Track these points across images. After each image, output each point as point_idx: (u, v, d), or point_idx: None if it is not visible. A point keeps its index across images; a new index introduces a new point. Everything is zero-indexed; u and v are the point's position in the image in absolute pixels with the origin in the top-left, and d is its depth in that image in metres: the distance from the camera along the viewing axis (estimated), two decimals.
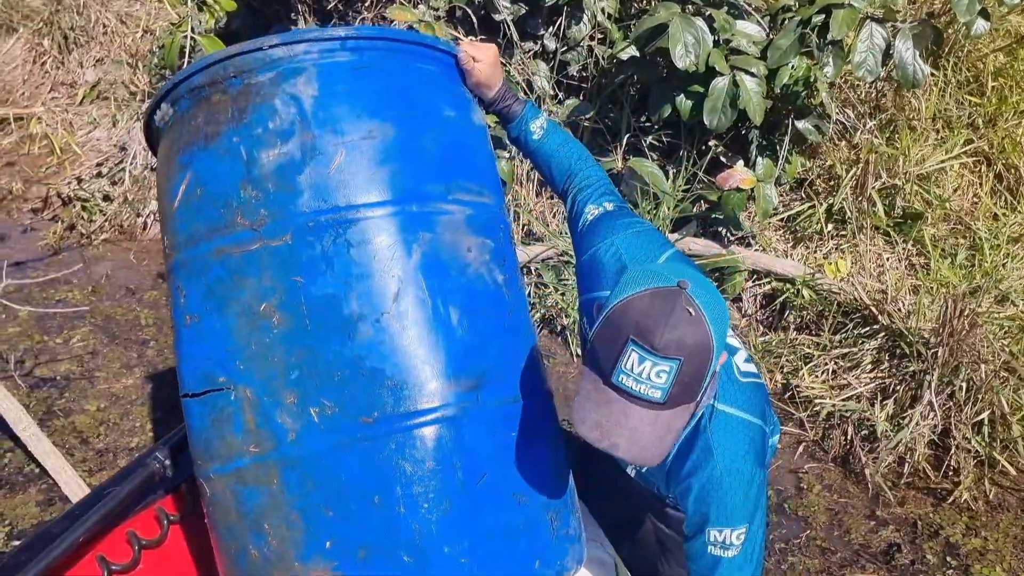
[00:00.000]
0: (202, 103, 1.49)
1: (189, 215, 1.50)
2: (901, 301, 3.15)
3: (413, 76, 1.57)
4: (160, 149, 1.64)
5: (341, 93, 1.47)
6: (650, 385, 1.20)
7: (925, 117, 3.67)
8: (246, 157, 1.44)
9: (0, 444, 2.90)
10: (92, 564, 1.56)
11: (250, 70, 1.47)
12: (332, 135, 1.45)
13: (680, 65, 3.05)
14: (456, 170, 1.58)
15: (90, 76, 5.06)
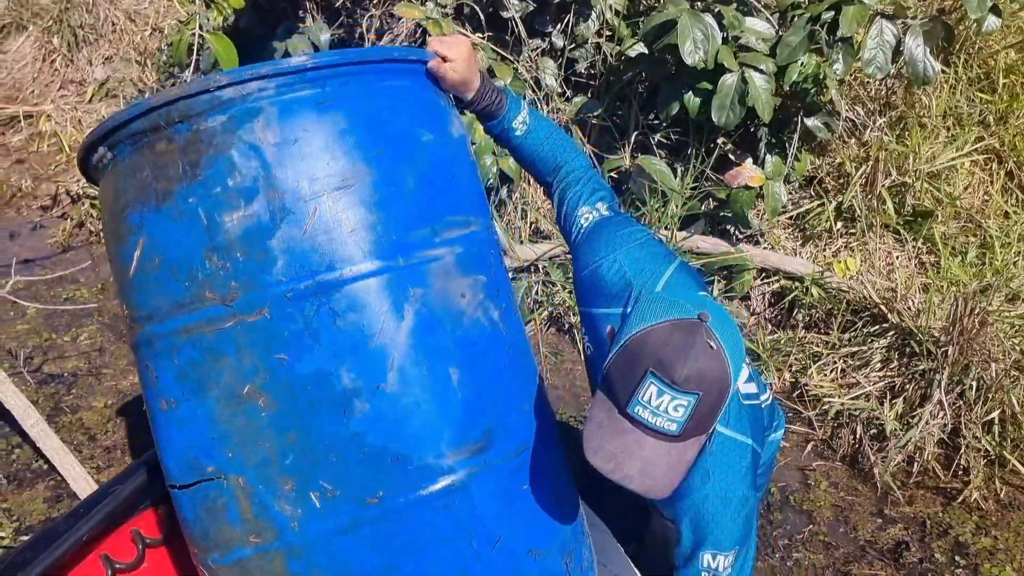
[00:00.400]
0: (145, 151, 1.32)
1: (148, 287, 1.36)
2: (911, 299, 3.13)
3: (384, 99, 1.41)
4: (102, 194, 1.49)
5: (306, 137, 1.31)
6: (667, 418, 1.19)
7: (935, 114, 3.64)
8: (206, 221, 1.29)
9: (8, 440, 2.92)
10: (96, 563, 1.54)
11: (197, 114, 1.28)
12: (301, 190, 1.30)
13: (689, 61, 3.03)
14: (441, 205, 1.46)
15: (99, 74, 5.08)
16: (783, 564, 2.58)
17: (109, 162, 1.42)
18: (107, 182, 1.44)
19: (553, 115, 3.65)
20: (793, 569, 2.55)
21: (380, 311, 1.33)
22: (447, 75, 1.53)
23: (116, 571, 1.57)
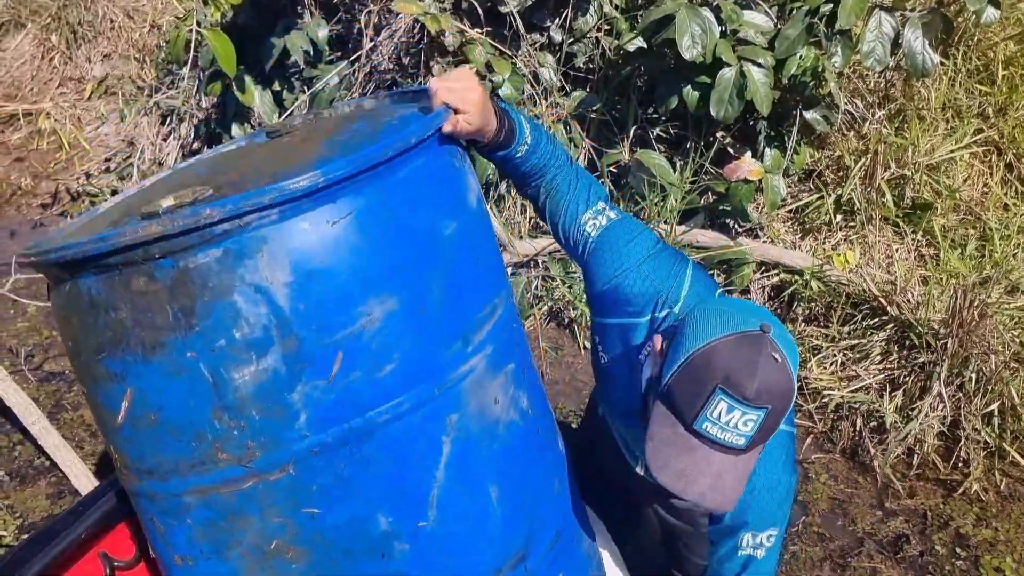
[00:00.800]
0: (117, 287, 1.10)
1: (144, 442, 1.20)
2: (910, 292, 3.13)
3: (401, 195, 1.20)
4: (59, 316, 1.24)
5: (321, 271, 1.11)
6: (736, 433, 1.19)
7: (935, 107, 3.64)
8: (211, 379, 1.11)
9: (10, 437, 2.92)
10: (95, 561, 1.53)
11: (183, 248, 1.06)
12: (322, 334, 1.12)
13: (687, 56, 3.03)
14: (470, 304, 1.32)
15: (98, 71, 5.08)
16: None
17: (66, 287, 1.17)
18: (67, 308, 1.19)
19: (552, 110, 3.65)
20: (790, 562, 2.55)
21: (416, 451, 1.22)
22: (463, 130, 1.38)
23: (115, 569, 1.56)
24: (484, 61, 3.56)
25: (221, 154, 1.63)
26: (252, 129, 3.97)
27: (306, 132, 1.51)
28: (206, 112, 4.23)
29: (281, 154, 1.37)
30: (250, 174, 1.28)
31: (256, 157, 1.44)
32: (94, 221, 1.39)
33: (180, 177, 1.49)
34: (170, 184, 1.44)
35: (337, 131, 1.41)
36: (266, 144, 1.54)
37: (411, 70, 3.92)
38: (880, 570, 2.53)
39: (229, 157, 1.55)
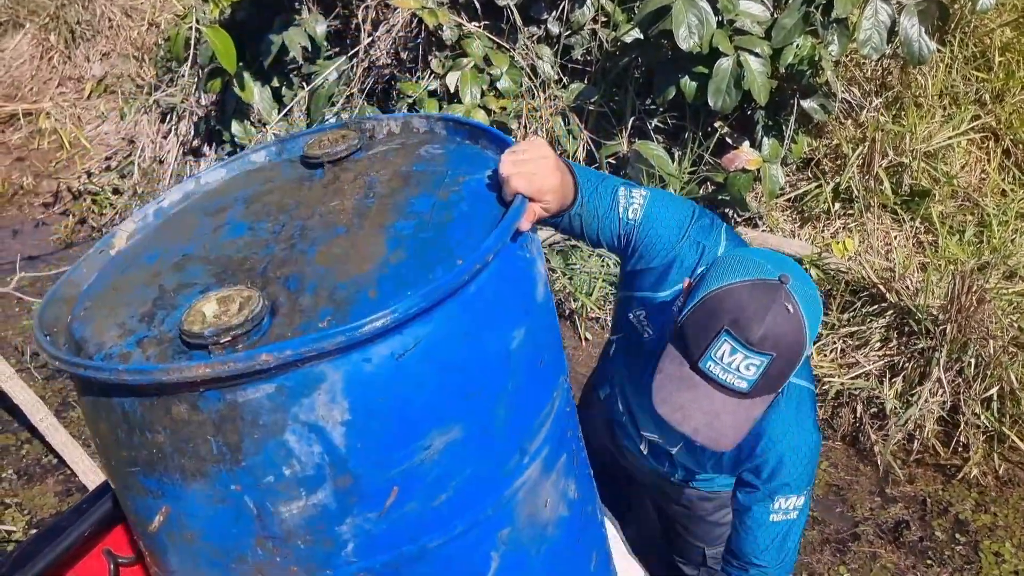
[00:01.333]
0: (156, 410, 1.01)
1: (180, 554, 1.14)
2: (909, 279, 3.15)
3: (472, 314, 1.07)
4: (87, 412, 1.14)
5: (383, 408, 1.01)
6: (737, 376, 1.19)
7: (932, 94, 3.65)
8: (256, 512, 1.04)
9: (18, 436, 2.95)
10: (99, 557, 1.52)
11: (233, 383, 0.97)
12: (379, 470, 1.04)
13: (684, 47, 3.04)
14: (531, 412, 1.21)
15: (97, 70, 5.10)
16: None
17: (96, 396, 1.07)
18: (97, 414, 1.09)
19: (550, 102, 3.66)
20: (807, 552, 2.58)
21: (465, 569, 1.17)
22: (540, 217, 1.25)
23: (119, 565, 1.53)
24: (482, 55, 3.58)
25: (257, 189, 1.38)
26: (252, 128, 3.99)
27: (354, 176, 1.32)
28: (205, 109, 4.24)
29: (329, 221, 1.20)
30: (302, 265, 1.12)
31: (301, 212, 1.25)
32: (118, 283, 1.22)
33: (210, 221, 1.30)
34: (200, 232, 1.27)
35: (394, 203, 1.21)
36: (310, 188, 1.33)
37: (409, 64, 3.93)
38: (880, 555, 2.56)
39: (268, 195, 1.34)
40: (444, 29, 3.58)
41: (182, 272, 1.16)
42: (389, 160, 1.34)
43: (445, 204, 1.17)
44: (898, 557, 2.55)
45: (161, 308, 1.10)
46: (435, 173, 1.26)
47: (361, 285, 1.03)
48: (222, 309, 1.01)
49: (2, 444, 2.92)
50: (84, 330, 1.11)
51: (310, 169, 1.37)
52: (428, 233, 1.11)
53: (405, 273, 1.04)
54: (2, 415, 3.03)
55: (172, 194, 1.41)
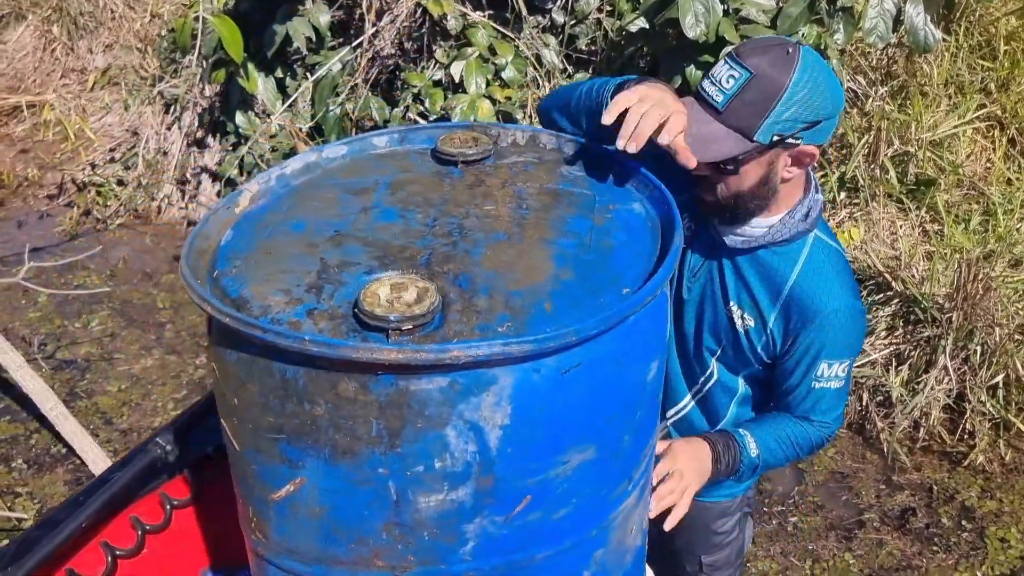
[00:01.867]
0: (322, 383, 1.02)
1: (300, 526, 1.16)
2: (915, 267, 3.16)
3: (629, 344, 1.12)
4: (228, 368, 1.12)
5: (539, 418, 1.05)
6: (719, 89, 1.30)
7: (937, 83, 3.65)
8: (396, 497, 1.07)
9: (26, 426, 2.96)
10: (96, 550, 1.53)
11: (412, 370, 1.00)
12: (518, 477, 1.09)
13: (690, 35, 3.04)
14: (645, 442, 1.26)
15: (100, 62, 5.09)
16: (782, 529, 2.62)
17: (254, 355, 1.07)
18: (247, 374, 1.09)
19: None
20: (794, 534, 2.59)
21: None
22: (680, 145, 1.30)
23: (116, 557, 1.56)
24: (487, 44, 3.58)
25: (396, 176, 1.40)
26: (256, 118, 3.99)
27: (500, 183, 1.34)
28: (209, 100, 4.24)
29: (488, 225, 1.23)
30: (468, 264, 1.15)
31: (452, 209, 1.28)
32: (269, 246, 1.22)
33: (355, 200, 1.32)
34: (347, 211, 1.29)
35: (550, 219, 1.25)
36: (452, 186, 1.36)
37: (413, 55, 3.93)
38: (886, 542, 2.57)
39: (410, 184, 1.36)
40: (448, 18, 3.58)
41: (340, 248, 1.19)
42: (530, 173, 1.38)
43: (602, 230, 1.23)
44: (904, 544, 2.56)
45: (327, 282, 1.12)
46: (583, 196, 1.32)
47: (536, 296, 1.08)
48: (395, 295, 1.04)
49: (12, 434, 2.94)
50: (242, 289, 1.11)
51: (443, 166, 1.41)
52: (590, 256, 1.17)
53: (575, 292, 1.10)
54: (11, 405, 3.04)
55: (294, 163, 1.43)
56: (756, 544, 2.57)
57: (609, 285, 1.12)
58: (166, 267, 3.91)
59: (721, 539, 1.88)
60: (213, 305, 1.04)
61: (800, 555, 2.55)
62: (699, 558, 1.90)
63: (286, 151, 3.89)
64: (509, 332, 1.02)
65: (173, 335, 3.47)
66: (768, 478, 2.78)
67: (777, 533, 2.61)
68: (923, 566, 2.49)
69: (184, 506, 1.70)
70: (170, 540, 1.66)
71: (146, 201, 4.27)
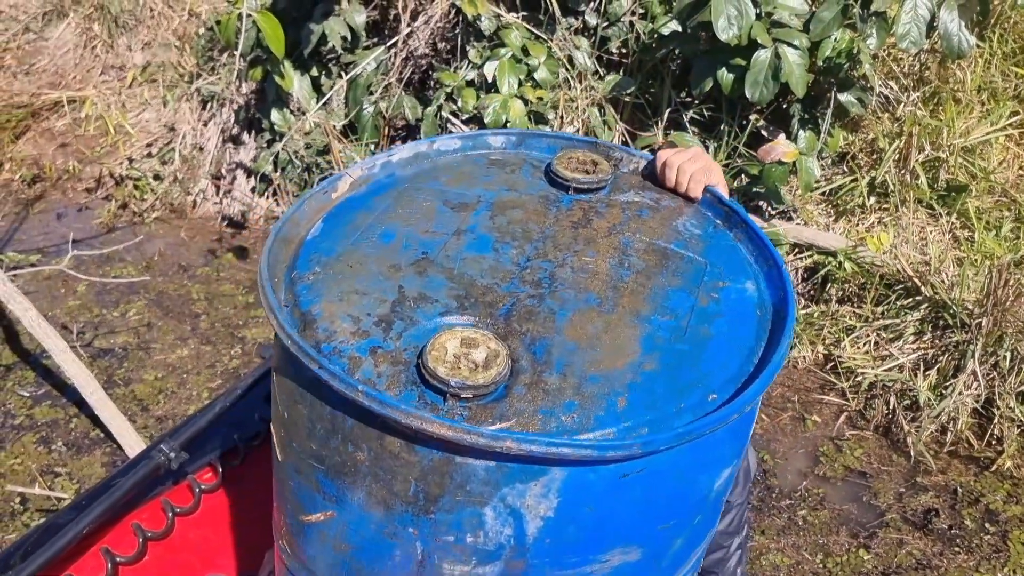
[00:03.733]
0: (369, 433, 0.98)
1: (323, 551, 1.14)
2: (944, 273, 3.15)
3: (697, 455, 1.03)
4: (285, 392, 1.10)
5: (587, 517, 0.99)
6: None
7: (970, 89, 3.64)
8: (421, 558, 1.03)
9: (66, 411, 3.04)
10: (97, 556, 1.52)
11: (457, 447, 0.94)
12: (552, 568, 1.03)
13: (723, 37, 3.07)
14: (700, 545, 1.21)
15: (139, 59, 5.19)
16: (792, 523, 2.63)
17: (310, 388, 1.03)
18: (299, 400, 1.06)
19: (587, 93, 3.70)
20: (805, 528, 2.60)
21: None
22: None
23: (117, 564, 1.55)
24: (520, 45, 3.62)
25: (501, 195, 1.32)
26: (291, 116, 4.06)
27: (607, 228, 1.26)
28: (246, 98, 4.32)
29: (581, 282, 1.15)
30: (549, 328, 1.07)
31: (550, 251, 1.21)
32: (353, 256, 1.17)
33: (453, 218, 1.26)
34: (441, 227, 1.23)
35: (651, 289, 1.16)
36: (557, 218, 1.28)
37: (446, 55, 3.98)
38: (907, 541, 2.57)
39: (512, 209, 1.29)
40: (483, 19, 3.63)
41: (423, 279, 1.13)
42: (643, 221, 1.29)
43: (704, 313, 1.13)
44: (925, 544, 2.56)
45: (399, 318, 1.06)
46: (693, 263, 1.22)
47: (612, 386, 1.00)
48: (464, 351, 0.98)
49: (52, 418, 3.01)
50: (314, 303, 1.07)
51: (555, 188, 1.34)
52: (684, 345, 1.07)
53: (656, 388, 1.01)
54: (51, 390, 3.12)
55: (403, 151, 1.38)
56: (767, 537, 2.60)
57: (696, 385, 1.02)
58: (201, 260, 3.99)
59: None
60: (280, 323, 1.01)
61: (811, 549, 2.56)
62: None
63: (320, 148, 3.95)
64: (572, 424, 0.94)
65: (208, 326, 3.54)
66: (773, 474, 2.80)
67: (787, 527, 2.63)
68: (943, 566, 2.50)
69: (186, 514, 1.69)
70: (172, 548, 1.66)
71: (181, 196, 4.36)
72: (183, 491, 1.71)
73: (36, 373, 3.21)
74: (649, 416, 0.97)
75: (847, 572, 2.49)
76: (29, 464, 2.83)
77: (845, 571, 2.50)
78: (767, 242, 1.23)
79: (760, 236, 1.25)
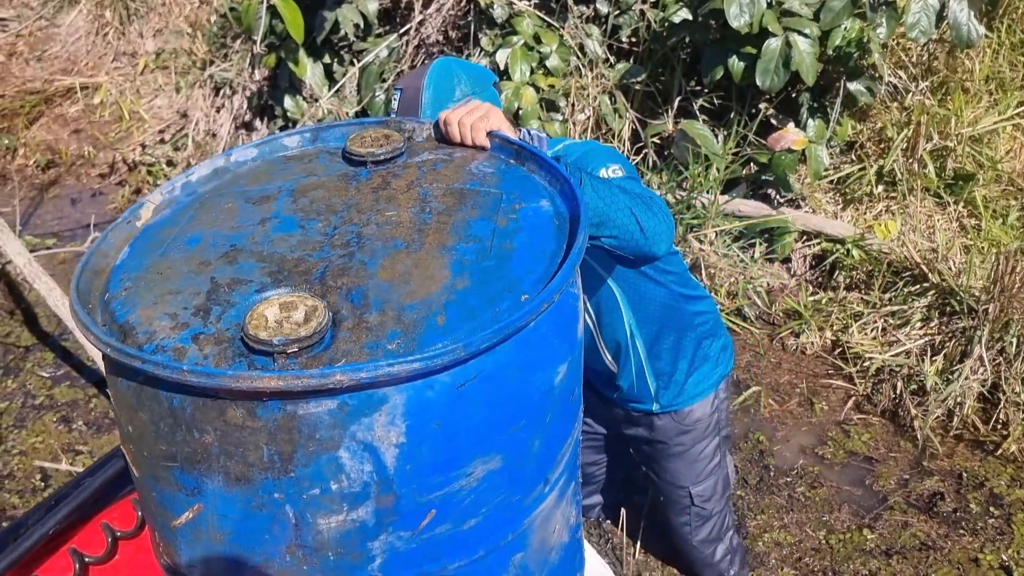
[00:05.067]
0: (209, 411, 0.99)
1: (203, 551, 1.13)
2: (952, 260, 3.19)
3: (528, 352, 1.10)
4: (121, 398, 1.08)
5: (437, 434, 1.03)
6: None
7: (978, 79, 3.67)
8: (295, 521, 1.05)
9: (86, 392, 3.10)
10: (66, 556, 1.49)
11: (298, 395, 0.97)
12: (420, 492, 1.07)
13: (735, 24, 3.10)
14: (559, 445, 1.24)
15: (150, 46, 5.23)
16: (793, 501, 2.67)
17: (141, 385, 1.03)
18: (136, 403, 1.05)
19: (597, 81, 3.73)
20: (807, 506, 2.65)
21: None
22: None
23: (86, 564, 1.51)
24: (532, 33, 3.65)
25: (301, 181, 1.36)
26: (304, 103, 4.10)
27: (406, 185, 1.31)
28: (258, 84, 4.35)
29: (387, 233, 1.20)
30: (363, 277, 1.11)
31: (354, 217, 1.24)
32: (161, 265, 1.18)
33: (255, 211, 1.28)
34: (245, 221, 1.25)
35: (453, 224, 1.22)
36: (358, 190, 1.32)
37: (458, 43, 4.01)
38: (911, 524, 2.62)
39: (314, 190, 1.32)
40: (495, 7, 3.66)
41: (234, 266, 1.14)
42: (439, 172, 1.35)
43: (504, 232, 1.20)
44: (930, 527, 2.61)
45: (216, 304, 1.08)
46: (490, 195, 1.29)
47: (429, 309, 1.04)
48: (284, 315, 1.00)
49: (72, 398, 3.07)
50: (129, 313, 1.08)
51: (352, 167, 1.38)
52: (490, 262, 1.13)
53: (470, 302, 1.06)
54: (70, 371, 3.17)
55: (201, 169, 1.38)
56: (768, 515, 2.65)
57: (507, 292, 1.08)
58: None
59: (703, 467, 2.01)
60: (95, 335, 1.01)
61: (814, 526, 2.61)
62: (688, 490, 2.03)
63: None
64: (399, 350, 0.98)
65: None
66: (771, 453, 2.85)
67: (789, 505, 2.68)
68: (947, 548, 2.54)
69: None
70: (143, 547, 1.61)
71: None
72: None
73: (55, 354, 3.26)
74: (468, 326, 1.02)
75: (848, 550, 2.54)
76: (51, 442, 2.89)
77: (847, 548, 2.55)
78: (558, 167, 1.31)
79: (551, 163, 1.32)
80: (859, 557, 2.52)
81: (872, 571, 2.48)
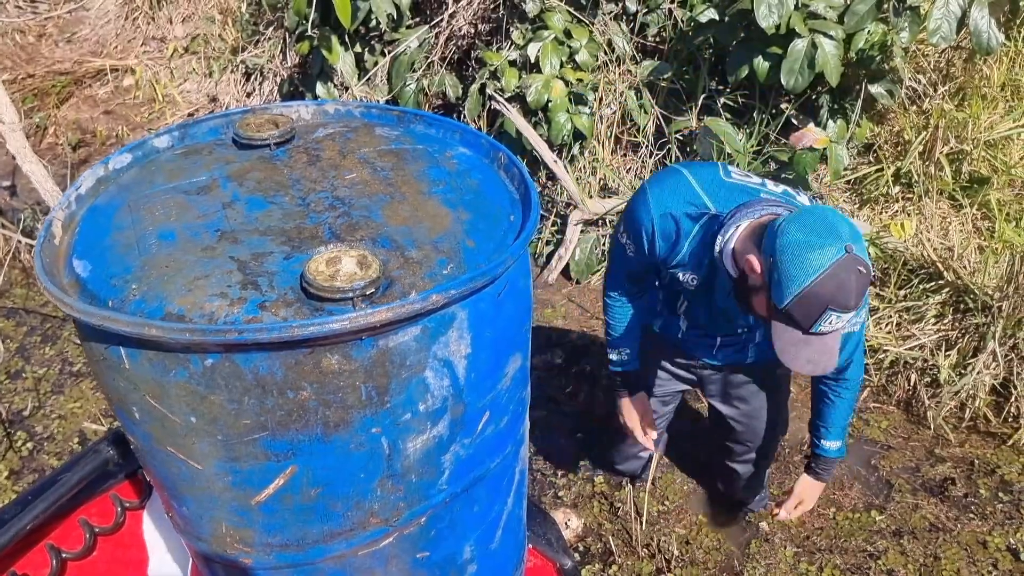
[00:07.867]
0: (302, 365, 1.00)
1: (291, 517, 1.17)
2: (967, 259, 3.28)
3: (523, 267, 1.28)
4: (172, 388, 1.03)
5: (488, 340, 1.16)
6: (847, 326, 1.57)
7: (995, 85, 3.77)
8: (388, 451, 1.13)
9: None
10: (43, 552, 1.48)
11: (386, 328, 1.02)
12: (479, 397, 1.20)
13: (763, 24, 3.19)
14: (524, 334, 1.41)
15: (179, 31, 5.32)
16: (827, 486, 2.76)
17: (204, 362, 1.00)
18: (204, 387, 1.02)
19: (624, 77, 3.83)
20: (841, 498, 2.74)
21: (503, 484, 1.40)
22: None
23: (64, 560, 1.50)
24: (562, 28, 3.75)
25: (224, 168, 1.32)
26: (335, 89, 4.18)
27: (339, 154, 1.36)
28: (289, 71, 4.44)
29: (363, 191, 1.25)
30: (377, 226, 1.17)
31: (314, 186, 1.27)
32: (164, 261, 1.10)
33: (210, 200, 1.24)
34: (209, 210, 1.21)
35: (411, 173, 1.31)
36: (290, 166, 1.33)
37: (486, 37, 4.11)
38: (921, 506, 2.71)
39: (248, 173, 1.30)
40: (527, 2, 3.75)
41: (241, 244, 1.11)
42: (357, 140, 1.40)
43: (460, 173, 1.33)
44: (939, 510, 2.70)
45: (257, 275, 1.06)
46: (418, 150, 1.38)
47: (456, 238, 1.16)
48: (333, 269, 1.02)
49: None
50: (167, 307, 1.01)
51: (258, 150, 1.36)
52: (469, 196, 1.27)
53: (480, 227, 1.20)
54: None
55: (86, 180, 1.31)
56: (778, 490, 2.77)
57: (498, 215, 1.24)
58: None
59: (784, 396, 2.33)
60: (160, 327, 0.95)
61: (823, 503, 2.71)
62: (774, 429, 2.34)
63: None
64: (455, 273, 1.09)
65: None
66: (789, 433, 2.95)
67: None
68: (956, 530, 2.63)
69: (137, 508, 1.65)
70: (122, 543, 1.62)
71: None
72: (133, 485, 1.66)
73: None
74: (492, 244, 1.17)
75: (854, 528, 2.64)
76: (89, 407, 2.97)
77: (853, 526, 2.64)
78: (442, 118, 1.45)
79: (435, 118, 1.46)
80: (865, 535, 2.62)
81: (880, 550, 2.58)
